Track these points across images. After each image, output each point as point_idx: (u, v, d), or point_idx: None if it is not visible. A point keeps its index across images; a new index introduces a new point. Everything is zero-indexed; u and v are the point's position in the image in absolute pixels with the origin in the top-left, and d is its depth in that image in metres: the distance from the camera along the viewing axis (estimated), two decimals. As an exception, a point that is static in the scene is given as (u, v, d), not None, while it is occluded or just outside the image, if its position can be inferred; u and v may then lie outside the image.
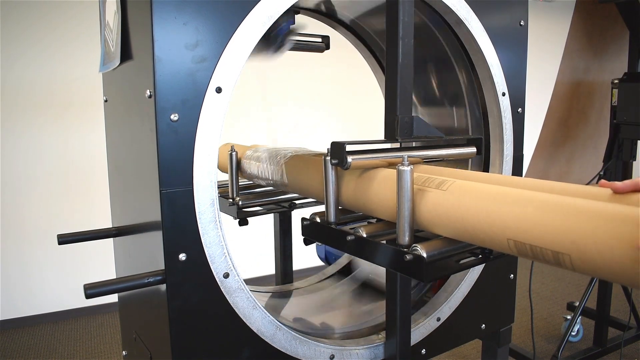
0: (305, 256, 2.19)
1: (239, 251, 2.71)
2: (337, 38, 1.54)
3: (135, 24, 0.89)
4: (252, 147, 1.42)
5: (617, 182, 0.67)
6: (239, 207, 1.31)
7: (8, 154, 3.02)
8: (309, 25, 1.47)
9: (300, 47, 1.47)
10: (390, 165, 0.95)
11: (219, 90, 0.85)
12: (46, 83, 3.05)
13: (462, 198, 0.75)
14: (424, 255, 0.77)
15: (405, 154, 0.96)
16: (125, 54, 0.94)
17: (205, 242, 0.87)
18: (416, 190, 0.81)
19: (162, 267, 0.85)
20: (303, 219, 1.03)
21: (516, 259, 1.35)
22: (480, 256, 0.85)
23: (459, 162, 1.34)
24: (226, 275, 0.89)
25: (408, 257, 0.78)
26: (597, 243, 0.58)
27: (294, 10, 1.36)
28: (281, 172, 1.19)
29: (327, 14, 1.46)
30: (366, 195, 0.92)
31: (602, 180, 0.70)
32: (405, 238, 0.81)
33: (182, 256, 0.85)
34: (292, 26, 1.19)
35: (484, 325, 1.31)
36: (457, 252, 0.82)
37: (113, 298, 1.38)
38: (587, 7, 2.54)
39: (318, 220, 0.99)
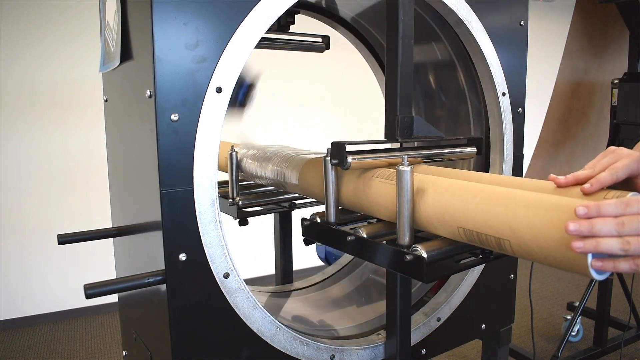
0: (305, 256, 2.19)
1: (239, 251, 2.71)
2: (337, 38, 1.54)
3: (135, 24, 0.89)
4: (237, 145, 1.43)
5: (560, 177, 0.72)
6: (239, 207, 1.31)
7: (8, 154, 3.02)
8: (309, 25, 1.47)
9: (300, 47, 1.46)
10: (390, 165, 0.95)
11: (219, 90, 0.84)
12: (46, 83, 3.05)
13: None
14: (424, 255, 0.77)
15: (405, 154, 0.96)
16: (125, 54, 0.94)
17: (206, 242, 0.87)
18: (371, 179, 0.87)
19: (162, 267, 0.85)
20: (303, 219, 1.03)
21: (516, 259, 1.35)
22: (480, 256, 0.85)
23: (461, 162, 1.34)
24: (226, 275, 0.89)
25: (408, 257, 0.78)
26: (531, 229, 0.64)
27: (294, 9, 1.36)
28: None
29: (329, 12, 1.46)
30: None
31: (551, 175, 0.75)
32: (405, 238, 0.81)
33: (182, 256, 0.85)
34: (250, 82, 1.26)
35: (484, 325, 1.31)
36: (457, 252, 0.82)
37: (113, 298, 1.38)
38: (587, 7, 2.54)
39: (318, 220, 0.99)
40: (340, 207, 1.00)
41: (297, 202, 1.44)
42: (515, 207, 0.67)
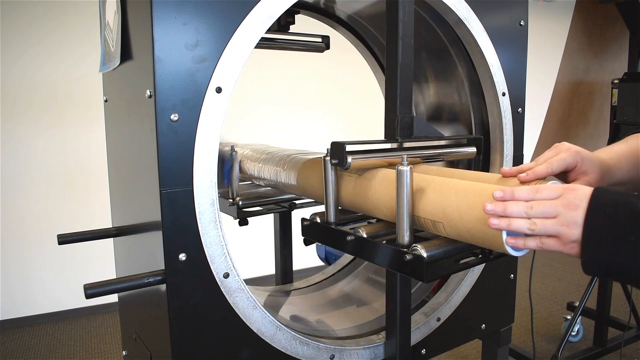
0: (305, 256, 2.19)
1: (239, 251, 2.71)
2: (337, 38, 1.54)
3: (135, 24, 0.89)
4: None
5: (506, 168, 0.82)
6: (239, 207, 1.31)
7: (8, 154, 3.02)
8: (309, 25, 1.47)
9: (300, 47, 1.46)
10: (390, 165, 0.95)
11: (219, 90, 0.84)
12: (46, 83, 3.05)
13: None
14: (424, 255, 0.77)
15: (405, 153, 0.96)
16: (125, 54, 0.94)
17: (205, 242, 0.87)
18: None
19: (162, 267, 0.85)
20: (303, 219, 1.03)
21: (516, 259, 1.35)
22: (480, 256, 0.85)
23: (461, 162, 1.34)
24: (226, 275, 0.89)
25: (408, 257, 0.78)
26: (459, 212, 0.74)
27: (294, 9, 1.36)
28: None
29: (326, 12, 1.45)
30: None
31: (502, 168, 0.84)
32: (405, 238, 0.81)
33: (182, 256, 0.85)
34: (230, 164, 1.29)
35: (484, 325, 1.31)
36: (457, 252, 0.82)
37: (113, 298, 1.38)
38: (587, 7, 2.54)
39: (318, 220, 0.99)
40: (340, 208, 1.00)
41: (297, 202, 1.44)
42: (448, 194, 0.77)
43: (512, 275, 1.35)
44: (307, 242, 1.05)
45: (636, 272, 0.61)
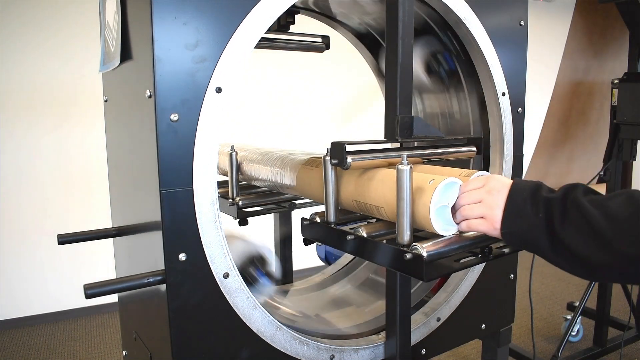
0: (305, 256, 2.19)
1: (239, 251, 2.70)
2: (337, 38, 1.54)
3: (135, 24, 0.89)
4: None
5: None
6: (239, 207, 1.31)
7: (8, 154, 3.02)
8: (309, 25, 1.47)
9: (300, 47, 1.46)
10: (390, 165, 0.95)
11: (219, 90, 0.85)
12: (46, 83, 3.05)
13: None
14: (424, 254, 0.77)
15: (405, 153, 0.96)
16: (125, 54, 0.94)
17: (205, 242, 0.87)
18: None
19: (162, 267, 0.85)
20: (303, 219, 1.03)
21: (516, 259, 1.35)
22: (479, 255, 0.85)
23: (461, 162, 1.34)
24: (226, 275, 0.89)
25: (408, 256, 0.78)
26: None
27: (294, 9, 1.36)
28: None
29: (322, 13, 1.45)
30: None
31: None
32: (405, 237, 0.81)
33: (182, 256, 0.85)
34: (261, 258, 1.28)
35: (484, 325, 1.31)
36: (456, 251, 0.82)
37: (113, 298, 1.38)
38: (588, 7, 2.55)
39: (318, 220, 0.99)
40: (339, 207, 1.00)
41: (297, 202, 1.44)
42: (389, 183, 0.86)
43: (512, 275, 1.35)
44: (307, 242, 1.06)
45: (541, 244, 0.72)
